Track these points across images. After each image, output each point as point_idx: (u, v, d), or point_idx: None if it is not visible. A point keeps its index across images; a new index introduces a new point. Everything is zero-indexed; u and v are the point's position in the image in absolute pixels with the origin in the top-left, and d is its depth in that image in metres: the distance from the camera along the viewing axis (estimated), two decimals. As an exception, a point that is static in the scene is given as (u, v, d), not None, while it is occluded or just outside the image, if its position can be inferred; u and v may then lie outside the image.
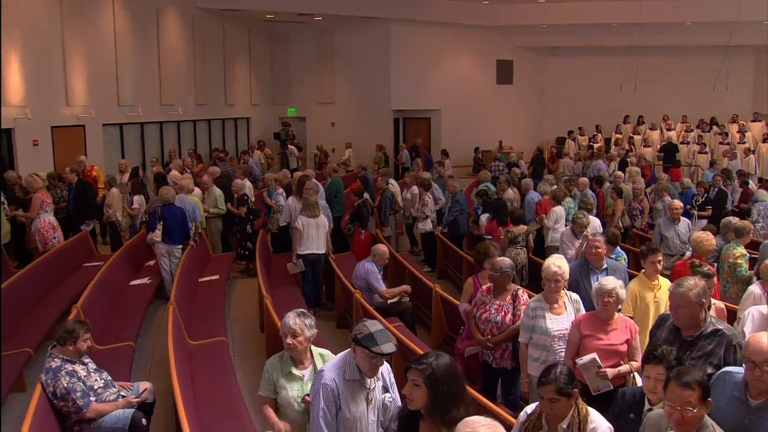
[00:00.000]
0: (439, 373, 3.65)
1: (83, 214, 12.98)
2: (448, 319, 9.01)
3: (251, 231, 12.87)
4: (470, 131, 25.59)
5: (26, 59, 14.72)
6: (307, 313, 4.80)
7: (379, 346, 4.02)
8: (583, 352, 5.44)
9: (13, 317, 8.83)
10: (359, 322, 4.25)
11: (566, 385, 3.99)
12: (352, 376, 4.20)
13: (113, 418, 5.83)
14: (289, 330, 4.67)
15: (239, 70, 24.80)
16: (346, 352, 4.32)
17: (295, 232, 10.57)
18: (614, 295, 5.51)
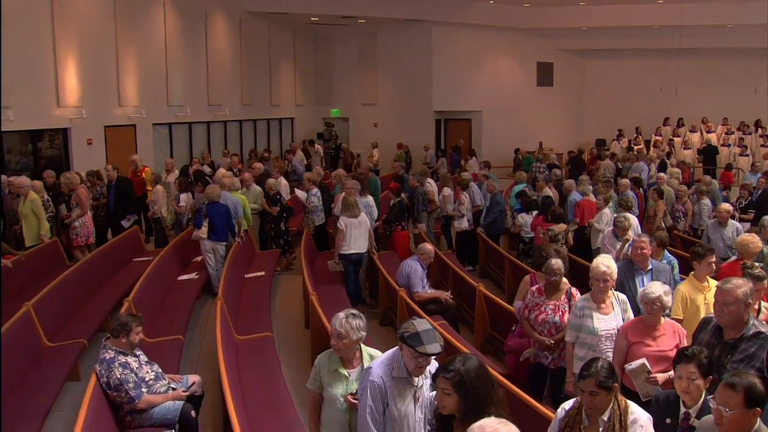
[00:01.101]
0: (468, 378, 3.63)
1: (123, 210, 13.25)
2: (492, 318, 9.06)
3: (284, 228, 13.11)
4: (511, 132, 25.54)
5: (82, 62, 15.16)
6: (358, 314, 4.75)
7: (424, 345, 4.02)
8: (632, 359, 5.40)
9: (67, 309, 9.14)
10: (408, 320, 4.24)
11: (606, 379, 4.00)
12: (400, 374, 4.20)
13: (163, 410, 6.00)
14: (335, 332, 4.66)
15: (284, 71, 25.11)
16: (394, 350, 4.32)
17: (338, 232, 10.71)
18: (659, 302, 5.46)
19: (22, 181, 11.50)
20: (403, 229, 12.87)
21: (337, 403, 4.65)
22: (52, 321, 8.45)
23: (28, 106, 13.64)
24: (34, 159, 14.59)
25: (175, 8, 18.69)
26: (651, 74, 25.26)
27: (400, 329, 4.20)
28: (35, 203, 11.28)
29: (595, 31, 25.68)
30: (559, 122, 27.41)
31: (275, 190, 13.11)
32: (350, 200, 10.68)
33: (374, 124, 26.42)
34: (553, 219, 11.00)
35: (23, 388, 6.85)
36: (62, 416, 7.13)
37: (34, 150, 14.62)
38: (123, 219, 13.19)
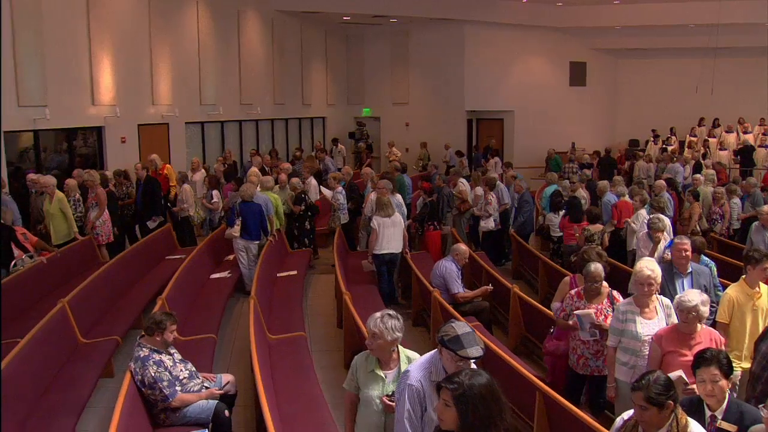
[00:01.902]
0: (471, 394, 3.34)
1: (150, 209, 13.25)
2: (526, 320, 8.95)
3: (309, 228, 13.10)
4: (543, 132, 25.24)
5: (117, 61, 15.29)
6: (395, 315, 4.66)
7: (465, 349, 3.93)
8: (667, 369, 5.18)
9: (101, 306, 9.18)
10: (446, 323, 4.15)
11: (657, 395, 3.82)
12: (438, 378, 4.06)
13: (197, 409, 5.98)
14: (370, 331, 4.61)
15: (316, 70, 25.13)
16: (432, 353, 4.25)
17: (372, 232, 10.66)
18: (695, 312, 5.26)
19: (47, 180, 11.56)
20: (435, 229, 12.79)
21: (373, 404, 4.60)
22: (86, 318, 8.50)
23: (64, 104, 13.78)
24: (70, 157, 14.73)
25: (208, 7, 18.76)
26: (686, 74, 24.81)
27: (439, 332, 4.11)
28: (62, 202, 11.37)
29: (630, 30, 25.31)
30: (591, 122, 27.09)
31: (299, 190, 13.11)
32: (384, 200, 10.61)
33: (406, 124, 26.35)
34: (589, 219, 10.90)
35: (59, 384, 6.89)
36: (96, 412, 7.17)
37: (69, 148, 14.77)
38: (149, 219, 13.22)
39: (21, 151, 13.64)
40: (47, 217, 11.34)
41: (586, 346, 6.47)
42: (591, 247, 8.15)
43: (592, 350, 6.47)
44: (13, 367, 6.24)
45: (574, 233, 11.05)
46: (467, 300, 9.17)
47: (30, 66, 12.90)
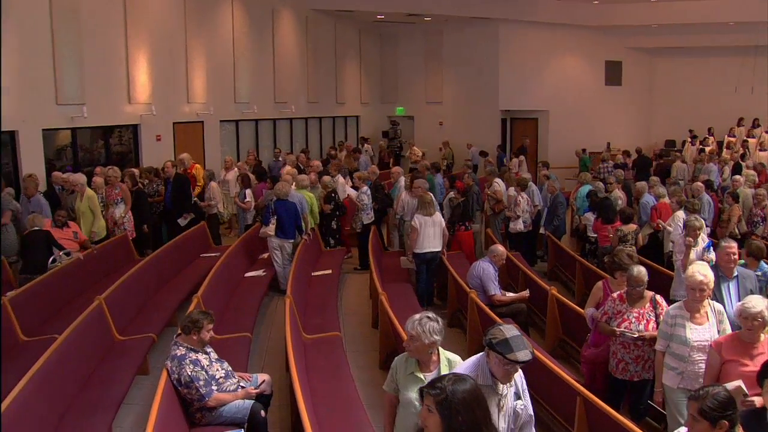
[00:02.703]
0: (453, 400, 3.20)
1: (180, 207, 13.22)
2: (563, 322, 8.81)
3: (336, 227, 13.09)
4: (578, 132, 24.91)
5: (153, 60, 15.40)
6: (434, 317, 4.57)
7: (514, 353, 3.88)
8: (725, 378, 4.99)
9: (136, 304, 9.22)
10: (494, 326, 4.10)
11: (711, 410, 3.64)
12: (485, 381, 4.05)
13: (233, 408, 5.94)
14: (408, 333, 4.56)
15: (350, 69, 25.12)
16: (479, 356, 4.19)
17: (411, 230, 10.56)
18: (761, 318, 5.04)
19: (76, 179, 11.63)
20: (466, 229, 12.66)
21: (412, 406, 4.50)
22: (122, 315, 8.54)
23: (101, 102, 13.90)
24: (106, 155, 14.84)
25: (243, 6, 18.82)
26: (725, 72, 24.41)
27: (486, 335, 4.04)
28: (92, 200, 11.43)
29: (667, 29, 24.87)
30: (627, 122, 26.72)
31: (330, 188, 13.06)
32: (427, 198, 10.55)
33: (440, 123, 26.24)
34: (623, 219, 10.73)
35: (95, 380, 6.92)
36: (132, 409, 7.20)
37: (106, 146, 14.89)
38: (180, 217, 13.19)
39: (58, 148, 13.76)
40: (78, 215, 11.38)
41: (627, 350, 6.33)
42: (621, 249, 8.01)
43: (632, 355, 6.32)
44: (52, 363, 6.26)
45: (608, 234, 10.93)
46: (504, 303, 9.06)
47: (69, 65, 13.04)
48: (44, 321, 8.61)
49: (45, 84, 12.66)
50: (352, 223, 13.25)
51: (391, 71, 27.24)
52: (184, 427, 5.81)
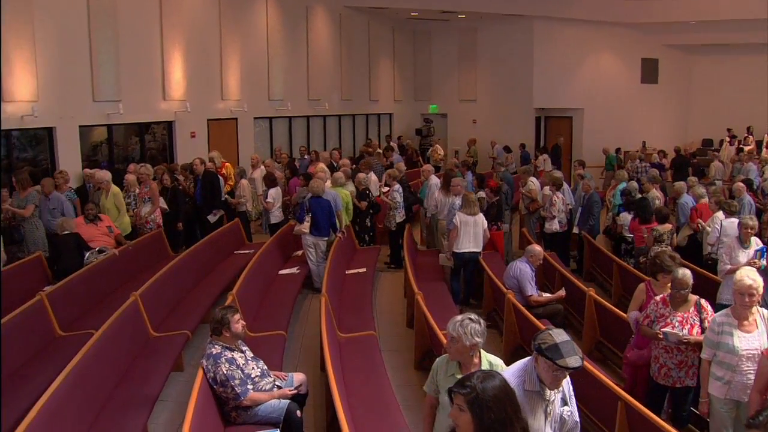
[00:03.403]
0: (485, 397, 3.16)
1: (210, 204, 13.21)
2: (601, 324, 8.66)
3: (370, 225, 13.01)
4: (613, 131, 24.57)
5: (188, 57, 15.50)
6: (477, 319, 4.45)
7: (564, 358, 3.76)
8: None
9: (171, 300, 9.23)
10: (543, 330, 3.98)
11: None
12: (532, 387, 3.96)
13: (269, 408, 5.88)
14: (449, 334, 4.45)
15: (383, 66, 25.09)
16: (527, 360, 4.08)
17: (452, 229, 10.46)
18: None
19: (102, 176, 11.67)
20: (498, 229, 12.54)
21: None
22: (157, 311, 8.54)
23: (137, 99, 14.04)
24: (141, 151, 14.93)
25: (277, 4, 18.86)
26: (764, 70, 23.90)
27: (535, 340, 3.92)
28: (117, 197, 11.48)
29: (705, 26, 24.34)
30: (663, 121, 26.32)
31: (364, 186, 13.00)
32: (471, 197, 10.48)
33: (473, 121, 26.12)
34: (659, 219, 10.53)
35: (131, 377, 6.91)
36: (167, 406, 7.19)
37: (141, 142, 14.97)
38: (209, 214, 13.17)
39: (94, 145, 13.86)
40: (103, 212, 11.37)
41: (669, 355, 6.15)
42: (663, 251, 7.81)
43: (675, 360, 6.14)
44: (89, 359, 6.26)
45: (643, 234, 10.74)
46: (540, 304, 8.93)
47: (105, 63, 13.17)
48: (80, 316, 8.65)
49: (82, 81, 12.81)
50: (385, 221, 13.18)
51: (425, 68, 27.16)
52: (219, 426, 5.77)
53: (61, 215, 10.63)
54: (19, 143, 12.24)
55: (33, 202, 10.42)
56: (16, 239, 10.47)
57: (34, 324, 7.74)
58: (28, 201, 10.38)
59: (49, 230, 10.54)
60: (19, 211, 10.25)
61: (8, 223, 10.36)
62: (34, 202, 10.46)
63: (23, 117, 11.58)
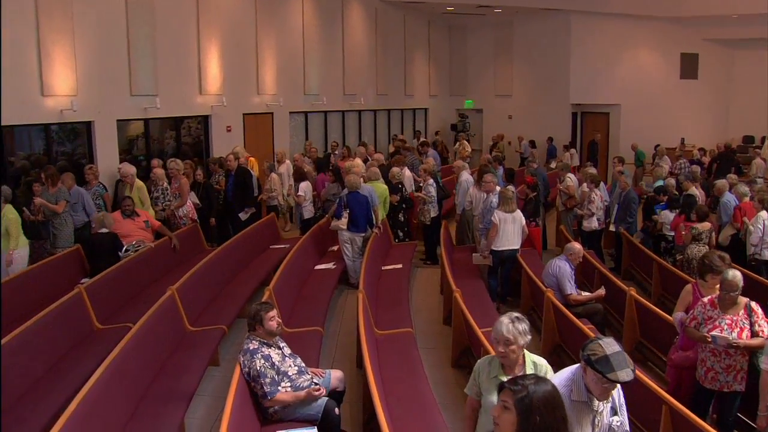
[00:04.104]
0: (535, 400, 3.06)
1: (242, 200, 13.09)
2: (642, 325, 8.49)
3: (403, 220, 12.96)
4: (651, 128, 24.15)
5: (224, 52, 15.52)
6: (522, 317, 4.39)
7: (615, 372, 3.60)
8: None
9: (207, 294, 9.23)
10: (593, 340, 3.82)
11: None
12: (579, 397, 3.82)
13: (306, 405, 5.84)
14: (503, 338, 4.29)
15: (418, 61, 24.97)
16: (574, 368, 3.94)
17: (492, 227, 10.35)
18: None
19: (126, 170, 11.67)
20: (536, 225, 12.40)
21: None
22: (193, 306, 8.54)
23: (174, 94, 14.08)
24: (177, 145, 14.99)
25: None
26: (809, 65, 23.35)
27: (584, 350, 3.76)
28: (141, 190, 11.51)
29: (746, 19, 23.71)
30: (703, 117, 25.81)
31: (398, 180, 12.92)
32: (508, 194, 10.31)
33: (509, 117, 25.89)
34: (698, 217, 10.33)
35: (168, 371, 6.91)
36: (203, 401, 7.19)
37: (177, 137, 15.04)
38: (241, 211, 13.07)
39: (130, 139, 13.93)
40: None
41: (717, 359, 5.97)
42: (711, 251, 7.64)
43: (722, 364, 5.95)
44: (127, 352, 6.28)
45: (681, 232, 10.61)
46: (580, 303, 8.77)
47: (142, 57, 13.24)
48: (117, 310, 8.70)
49: (120, 76, 12.88)
50: (419, 216, 13.09)
51: (460, 63, 27.00)
52: (257, 422, 5.73)
53: (82, 210, 10.70)
54: (58, 137, 12.34)
55: (64, 198, 10.41)
56: (43, 236, 10.43)
57: (73, 317, 7.81)
58: (59, 196, 10.37)
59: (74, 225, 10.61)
60: (52, 207, 10.22)
61: (39, 219, 10.33)
62: (65, 197, 10.45)
63: (62, 111, 11.67)
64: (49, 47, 11.32)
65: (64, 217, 10.41)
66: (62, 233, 10.37)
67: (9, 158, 11.51)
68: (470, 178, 13.20)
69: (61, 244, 10.31)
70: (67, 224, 10.44)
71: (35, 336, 6.87)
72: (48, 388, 6.42)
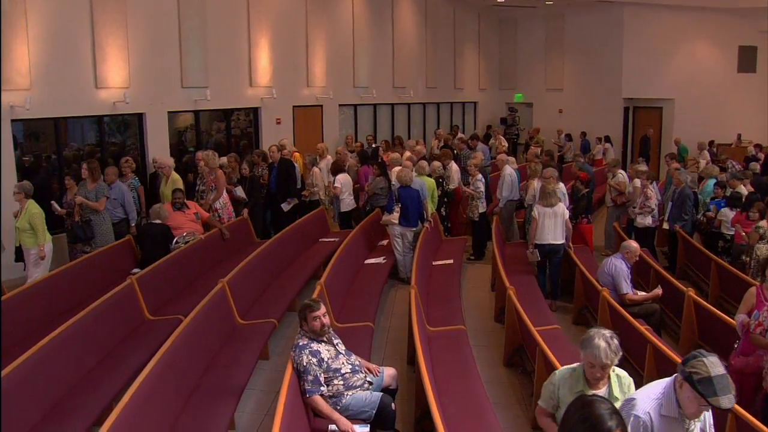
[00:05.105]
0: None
1: (285, 192, 13.01)
2: (700, 327, 8.22)
3: (444, 214, 12.90)
4: (706, 123, 23.48)
5: (274, 45, 15.58)
6: (613, 333, 4.18)
7: (717, 397, 3.38)
8: None
9: (257, 288, 9.20)
10: (697, 356, 3.58)
11: None
12: (670, 413, 3.61)
13: (361, 402, 5.70)
14: (600, 363, 4.08)
15: (468, 54, 24.77)
16: (666, 383, 3.72)
17: (532, 221, 10.19)
18: None
19: (163, 161, 11.57)
20: (589, 222, 12.15)
21: None
22: (243, 299, 8.51)
23: (224, 86, 14.18)
24: (227, 137, 15.04)
25: (364, -8, 18.82)
26: None
27: (686, 365, 3.55)
28: (176, 183, 11.36)
29: (809, 10, 23.13)
30: (761, 112, 25.06)
31: (438, 174, 12.81)
32: (549, 188, 10.11)
33: (559, 111, 25.52)
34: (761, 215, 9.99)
35: (218, 364, 6.87)
36: (253, 395, 7.15)
37: (227, 128, 15.08)
38: (284, 202, 13.01)
39: (179, 131, 14.00)
40: (162, 199, 11.30)
41: None
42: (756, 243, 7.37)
43: None
44: (179, 345, 6.25)
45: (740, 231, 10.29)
46: (636, 303, 8.54)
47: (193, 50, 13.34)
48: (168, 301, 8.73)
49: (171, 68, 12.99)
50: (467, 211, 12.93)
51: (510, 57, 26.70)
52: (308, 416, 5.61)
53: (120, 206, 10.53)
54: (108, 129, 12.44)
55: (104, 194, 10.14)
56: (88, 236, 10.03)
57: (125, 307, 7.84)
58: (98, 193, 10.09)
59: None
60: (93, 205, 9.96)
61: (79, 218, 9.99)
62: (105, 193, 10.17)
63: (115, 103, 11.80)
64: (102, 40, 11.45)
65: (103, 215, 10.15)
66: (100, 231, 10.12)
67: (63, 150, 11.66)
68: (513, 172, 13.01)
69: (99, 243, 10.04)
70: (104, 222, 10.18)
71: (88, 326, 6.91)
72: (100, 379, 6.43)
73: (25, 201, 9.14)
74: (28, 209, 9.10)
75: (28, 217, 9.06)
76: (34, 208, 9.15)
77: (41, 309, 7.86)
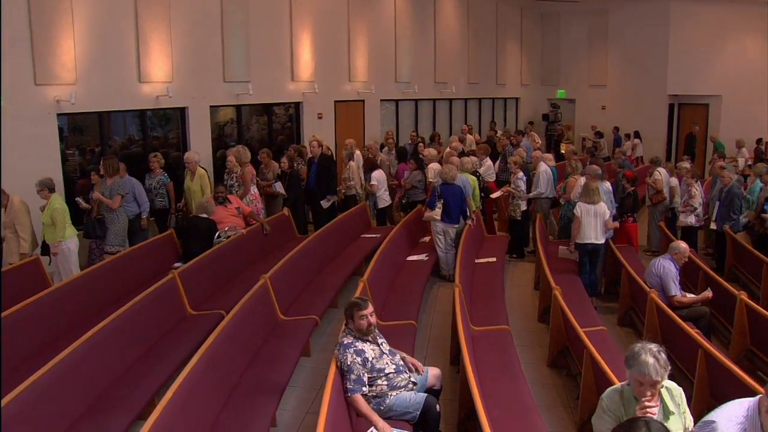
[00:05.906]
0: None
1: (324, 189, 12.86)
2: (752, 331, 7.98)
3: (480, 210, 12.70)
4: (753, 120, 22.88)
5: (316, 39, 15.56)
6: (660, 347, 3.91)
7: None
8: None
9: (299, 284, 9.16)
10: None
11: None
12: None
13: (405, 403, 5.60)
14: (650, 380, 3.85)
15: (510, 50, 24.59)
16: (749, 405, 3.43)
17: (574, 220, 10.03)
18: None
19: (189, 156, 11.46)
20: (634, 221, 11.91)
21: None
22: (285, 294, 8.46)
23: (266, 80, 14.20)
24: (269, 132, 15.05)
25: (406, -13, 18.70)
26: None
27: None
28: (202, 178, 11.34)
29: None
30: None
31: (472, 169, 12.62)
32: (591, 186, 9.94)
33: (602, 107, 25.17)
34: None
35: (260, 361, 6.82)
36: (295, 392, 7.10)
37: (269, 123, 15.09)
38: (323, 198, 12.87)
39: (219, 125, 14.02)
40: (187, 194, 11.28)
41: None
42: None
43: None
44: (221, 340, 6.21)
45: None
46: (684, 305, 8.33)
47: (236, 44, 13.36)
48: (209, 296, 8.72)
49: (214, 62, 13.03)
50: (509, 210, 12.77)
51: (553, 52, 26.43)
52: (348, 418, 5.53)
53: (133, 200, 10.41)
54: (151, 123, 12.51)
55: (120, 192, 9.94)
56: (98, 234, 9.92)
57: (167, 301, 7.86)
58: (114, 190, 9.89)
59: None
60: (106, 201, 9.80)
61: (95, 215, 9.92)
62: (120, 191, 9.98)
63: (158, 97, 11.85)
64: (146, 35, 11.51)
65: (117, 213, 9.95)
66: (113, 229, 9.93)
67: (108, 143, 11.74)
68: (548, 168, 12.83)
69: (110, 241, 9.89)
70: (119, 220, 9.97)
71: (131, 320, 6.92)
72: (142, 373, 6.43)
73: (50, 195, 9.13)
74: (51, 204, 9.09)
75: (51, 212, 9.04)
76: (56, 203, 9.11)
77: (84, 302, 7.89)
